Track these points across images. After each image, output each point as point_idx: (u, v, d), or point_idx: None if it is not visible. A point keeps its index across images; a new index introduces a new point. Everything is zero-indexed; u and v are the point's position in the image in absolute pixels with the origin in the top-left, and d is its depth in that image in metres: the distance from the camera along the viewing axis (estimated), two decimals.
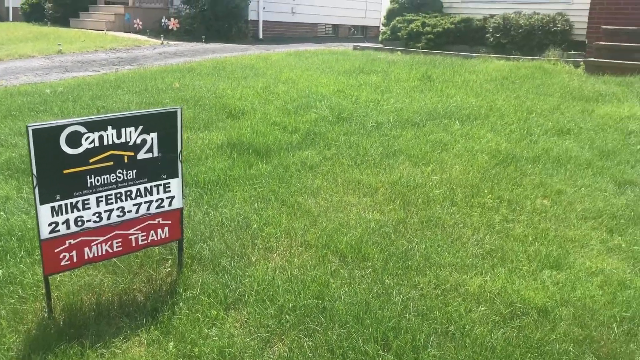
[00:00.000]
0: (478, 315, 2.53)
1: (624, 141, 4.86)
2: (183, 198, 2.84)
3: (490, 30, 11.03)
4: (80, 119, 2.38)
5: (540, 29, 10.47)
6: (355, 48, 12.38)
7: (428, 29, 11.63)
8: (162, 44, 13.18)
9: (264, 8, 15.93)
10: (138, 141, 2.57)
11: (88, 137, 2.40)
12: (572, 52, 10.16)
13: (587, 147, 4.74)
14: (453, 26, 11.51)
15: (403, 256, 3.02)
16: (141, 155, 2.60)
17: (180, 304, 2.61)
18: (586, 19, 10.17)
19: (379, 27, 18.38)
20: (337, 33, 19.05)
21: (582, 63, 8.81)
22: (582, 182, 4.02)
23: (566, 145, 4.76)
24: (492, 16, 11.40)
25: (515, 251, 3.10)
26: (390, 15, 12.91)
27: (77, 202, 2.45)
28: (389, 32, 12.65)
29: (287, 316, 2.49)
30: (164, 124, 2.64)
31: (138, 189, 2.64)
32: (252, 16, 15.78)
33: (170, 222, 2.78)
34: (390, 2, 13.11)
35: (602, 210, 3.57)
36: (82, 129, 2.38)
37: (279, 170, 4.24)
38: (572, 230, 3.35)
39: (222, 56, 10.67)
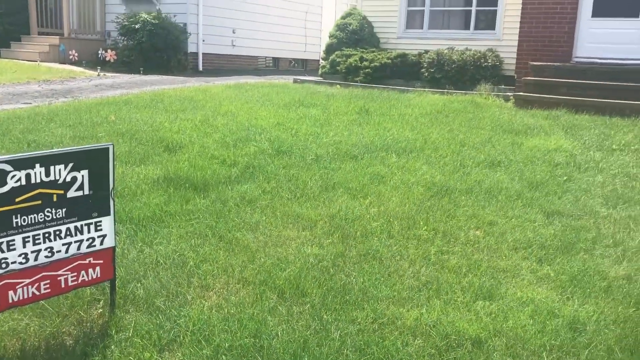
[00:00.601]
0: (414, 348, 2.56)
1: (552, 173, 5.09)
2: (116, 236, 2.77)
3: (425, 65, 11.41)
4: (5, 157, 2.30)
5: (472, 64, 10.92)
6: (295, 81, 12.52)
7: (366, 63, 11.91)
8: (98, 75, 12.93)
9: (203, 40, 15.92)
10: (68, 179, 2.49)
11: (14, 176, 2.32)
12: (503, 86, 10.62)
13: (517, 178, 4.93)
14: (390, 61, 11.83)
15: (341, 290, 3.03)
16: (71, 194, 2.52)
17: (112, 347, 2.51)
18: (515, 55, 10.69)
19: (319, 60, 18.66)
20: (277, 66, 19.23)
21: (512, 97, 9.22)
22: (512, 213, 4.16)
23: (497, 177, 4.94)
24: (426, 52, 11.81)
25: (449, 283, 3.17)
26: (329, 49, 13.16)
27: (2, 243, 2.34)
28: (328, 66, 12.87)
29: (223, 357, 2.44)
30: (95, 161, 2.58)
31: (68, 228, 2.55)
32: (191, 48, 15.73)
33: (101, 261, 2.70)
34: (329, 37, 13.37)
35: (532, 241, 3.71)
36: (8, 167, 2.29)
37: (217, 205, 4.20)
38: (504, 261, 3.46)
39: (160, 88, 10.55)
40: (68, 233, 2.55)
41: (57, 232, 2.52)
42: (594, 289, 3.13)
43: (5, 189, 2.30)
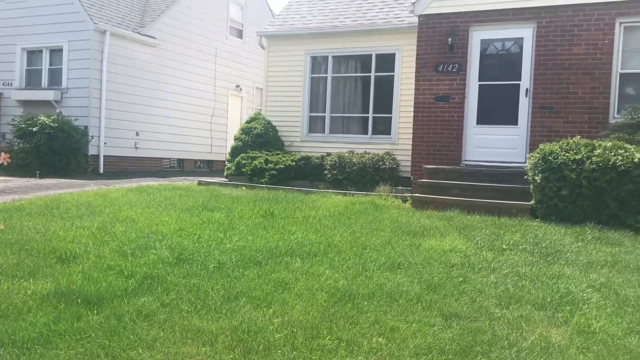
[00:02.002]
0: None
1: (448, 274, 5.29)
2: None
3: (328, 167, 11.82)
4: None
5: (372, 166, 11.44)
6: (200, 183, 12.48)
7: (271, 165, 12.16)
8: None
9: (105, 143, 15.68)
10: None
11: None
12: (401, 187, 11.15)
13: (416, 281, 5.07)
14: (294, 163, 12.16)
15: None
16: None
17: None
18: (410, 158, 11.34)
19: (225, 161, 18.84)
20: (182, 167, 19.15)
21: (409, 198, 9.66)
22: (413, 317, 4.24)
23: (398, 280, 5.05)
24: (329, 154, 12.29)
25: None
26: (235, 152, 13.35)
27: None
28: (233, 168, 12.99)
29: None
30: None
31: None
32: (92, 151, 15.42)
33: None
34: (235, 140, 13.60)
35: (432, 346, 3.77)
36: None
37: (112, 321, 3.97)
38: None
39: (57, 193, 10.14)
40: None
41: None
42: None
43: None
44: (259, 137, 13.18)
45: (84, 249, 5.73)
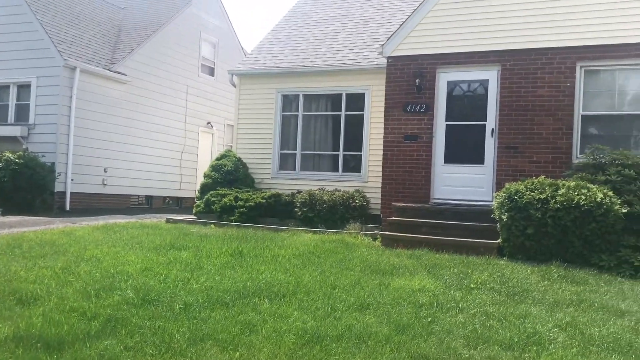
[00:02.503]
0: None
1: (417, 314, 5.28)
2: None
3: (298, 204, 11.80)
4: None
5: (342, 204, 11.47)
6: (168, 221, 12.32)
7: (241, 202, 12.10)
8: None
9: (72, 180, 15.44)
10: None
11: None
12: (371, 225, 11.18)
13: (385, 321, 5.05)
14: (264, 201, 12.12)
15: None
16: None
17: None
18: (380, 196, 11.42)
19: (194, 198, 18.68)
20: (151, 204, 18.93)
21: (379, 236, 9.69)
22: (382, 359, 4.21)
23: (367, 321, 5.03)
24: (299, 192, 12.29)
25: None
26: (204, 189, 13.27)
27: None
28: (203, 205, 12.89)
29: None
30: None
31: None
32: (59, 188, 15.16)
33: None
34: (205, 177, 13.53)
35: None
36: None
37: None
38: None
39: (20, 231, 9.90)
40: None
41: None
42: None
43: None
44: (229, 174, 13.14)
45: (45, 290, 5.58)
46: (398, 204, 10.57)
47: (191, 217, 13.17)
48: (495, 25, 10.55)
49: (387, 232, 9.62)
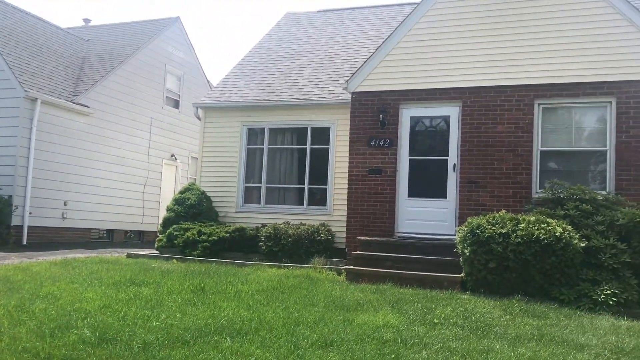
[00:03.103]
0: None
1: (380, 351, 5.24)
2: None
3: (263, 238, 11.71)
4: None
5: (307, 238, 11.43)
6: (129, 255, 12.06)
7: (204, 237, 11.94)
8: None
9: (30, 213, 15.03)
10: None
11: None
12: (336, 259, 11.16)
13: (348, 359, 5.00)
14: (228, 235, 12.00)
15: None
16: None
17: None
18: (345, 230, 11.43)
19: (157, 231, 18.37)
20: (112, 238, 18.52)
21: (343, 271, 9.66)
22: None
23: (330, 359, 4.96)
24: (264, 225, 12.21)
25: None
26: (167, 223, 13.07)
27: None
28: (165, 240, 12.67)
29: None
30: None
31: None
32: (15, 221, 14.72)
33: None
34: (167, 211, 13.34)
35: None
36: None
37: None
38: None
39: None
40: None
41: None
42: None
43: None
44: (193, 207, 12.99)
45: None
46: (363, 238, 10.59)
47: (153, 251, 12.93)
48: (456, 63, 10.83)
49: (351, 267, 9.60)
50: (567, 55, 10.20)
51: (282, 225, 11.91)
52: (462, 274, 8.67)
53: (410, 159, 11.18)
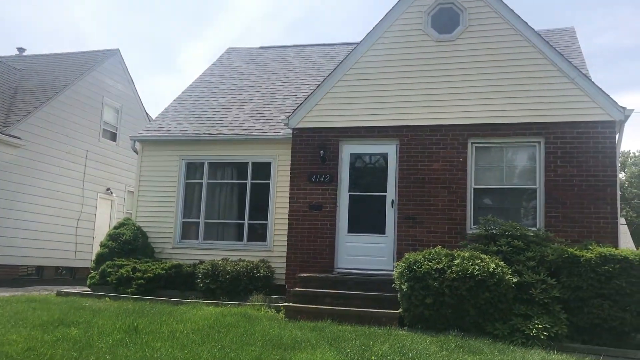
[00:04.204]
0: None
1: None
2: None
3: (200, 276, 11.47)
4: None
5: (246, 275, 11.27)
6: (59, 294, 11.52)
7: (139, 274, 11.58)
8: None
9: None
10: None
11: None
12: (275, 296, 11.02)
13: None
14: (164, 272, 11.69)
15: None
16: None
17: None
18: (285, 266, 11.34)
19: (90, 268, 17.68)
20: (42, 275, 17.68)
21: (282, 308, 9.53)
22: None
23: None
24: (202, 262, 11.97)
25: None
26: (100, 259, 12.60)
27: None
28: (98, 277, 12.20)
29: None
30: None
31: None
32: None
33: None
34: (101, 247, 12.88)
35: None
36: None
37: None
38: None
39: None
40: None
41: None
42: None
43: None
44: (128, 243, 12.59)
45: None
46: (302, 274, 10.53)
47: (85, 289, 12.41)
48: (393, 102, 11.13)
49: (291, 304, 9.50)
50: (499, 97, 10.67)
51: (220, 262, 11.70)
52: (399, 310, 8.73)
53: (350, 195, 11.30)
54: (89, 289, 12.20)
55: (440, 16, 11.27)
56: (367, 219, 11.14)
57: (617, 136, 10.25)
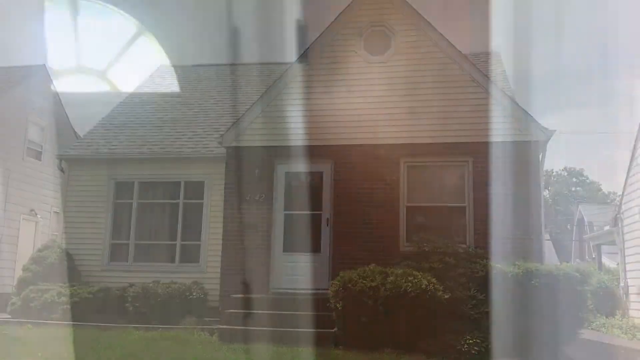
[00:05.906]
0: None
1: None
2: None
3: (130, 299, 11.08)
4: None
5: (178, 297, 11.00)
6: None
7: (64, 298, 11.08)
8: None
9: None
10: None
11: None
12: (208, 319, 10.75)
13: None
14: (92, 295, 11.26)
15: None
16: None
17: None
18: (219, 287, 11.11)
19: (10, 293, 16.72)
20: None
21: (216, 331, 9.32)
22: None
23: None
24: (132, 285, 11.56)
25: None
26: (22, 284, 11.99)
27: None
28: (20, 303, 11.58)
29: None
30: None
31: None
32: None
33: None
34: (23, 271, 12.25)
35: None
36: None
37: None
38: None
39: None
40: None
41: None
42: None
43: None
44: (53, 267, 12.02)
45: None
46: (237, 295, 10.35)
47: (5, 316, 11.72)
48: (327, 122, 11.20)
49: (224, 326, 9.31)
50: (429, 117, 10.94)
51: (151, 285, 11.36)
52: (335, 329, 8.71)
53: (285, 214, 11.24)
54: (10, 316, 11.53)
55: (373, 38, 11.49)
56: (302, 237, 11.09)
57: (540, 155, 10.73)
